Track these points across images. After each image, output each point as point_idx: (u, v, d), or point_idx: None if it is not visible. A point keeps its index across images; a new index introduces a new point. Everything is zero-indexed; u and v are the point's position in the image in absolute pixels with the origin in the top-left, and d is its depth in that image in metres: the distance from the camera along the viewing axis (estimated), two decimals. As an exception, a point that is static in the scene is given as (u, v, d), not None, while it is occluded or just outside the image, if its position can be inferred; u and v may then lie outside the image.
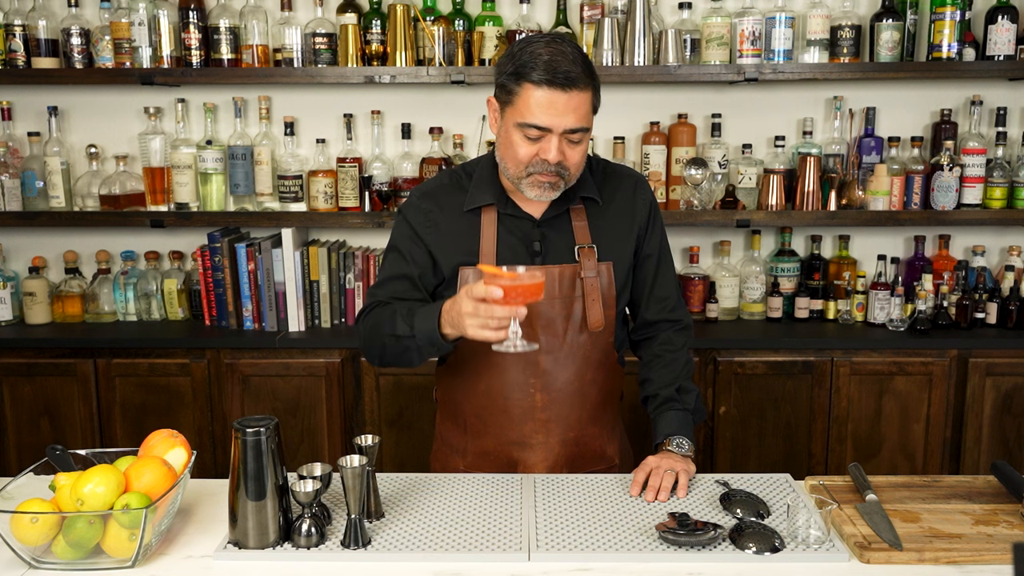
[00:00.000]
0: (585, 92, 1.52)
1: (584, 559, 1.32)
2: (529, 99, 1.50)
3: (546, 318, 1.63)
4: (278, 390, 2.75)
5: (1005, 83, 2.93)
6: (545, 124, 1.51)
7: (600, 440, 1.74)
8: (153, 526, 1.31)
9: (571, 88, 1.49)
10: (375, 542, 1.37)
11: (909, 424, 2.73)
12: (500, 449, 1.69)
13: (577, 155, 1.56)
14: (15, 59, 2.82)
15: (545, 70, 1.48)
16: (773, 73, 2.73)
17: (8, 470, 2.72)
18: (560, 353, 1.65)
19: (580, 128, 1.53)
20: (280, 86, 2.96)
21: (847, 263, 2.98)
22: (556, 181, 1.56)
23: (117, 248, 3.07)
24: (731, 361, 2.70)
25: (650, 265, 1.75)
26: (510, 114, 1.55)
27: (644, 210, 1.73)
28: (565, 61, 1.49)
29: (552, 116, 1.50)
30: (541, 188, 1.57)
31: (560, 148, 1.53)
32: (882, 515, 1.41)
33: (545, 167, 1.54)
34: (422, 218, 1.67)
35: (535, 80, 1.49)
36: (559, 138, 1.52)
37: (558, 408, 1.67)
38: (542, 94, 1.49)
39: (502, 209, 1.66)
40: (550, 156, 1.53)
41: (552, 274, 1.62)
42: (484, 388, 1.68)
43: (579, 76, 1.50)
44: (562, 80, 1.48)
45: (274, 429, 1.35)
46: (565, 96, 1.49)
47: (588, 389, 1.69)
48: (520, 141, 1.54)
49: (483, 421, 1.70)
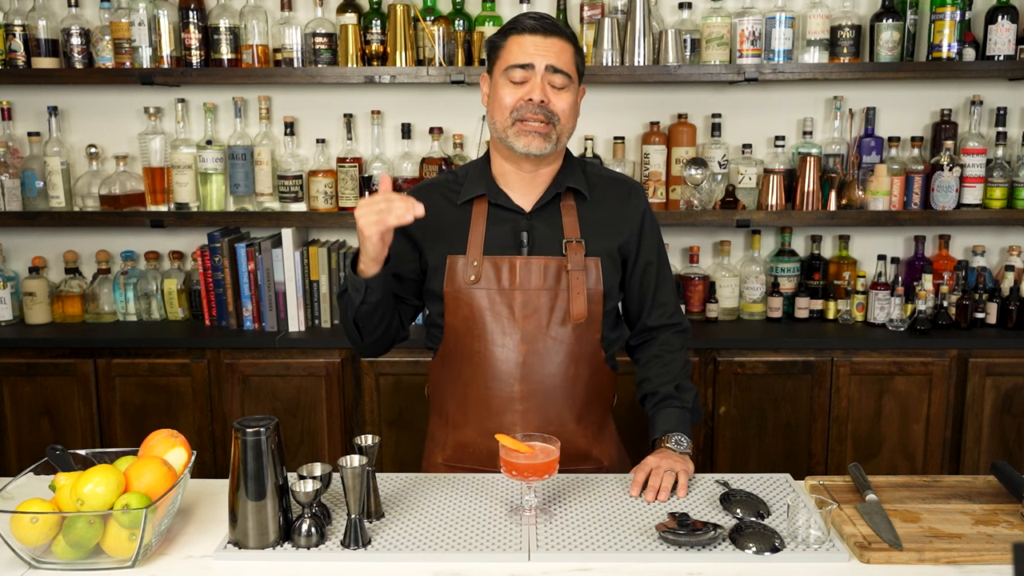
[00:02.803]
0: (567, 44, 1.62)
1: (584, 559, 1.32)
2: (513, 46, 1.62)
3: (529, 308, 1.65)
4: (278, 390, 2.75)
5: (1005, 83, 2.93)
6: (528, 60, 1.59)
7: (584, 440, 1.73)
8: (153, 526, 1.31)
9: (552, 34, 1.61)
10: (375, 542, 1.37)
11: (909, 424, 2.73)
12: (479, 441, 1.69)
13: (563, 102, 1.61)
14: (15, 59, 2.82)
15: (529, 19, 1.62)
16: (773, 73, 2.73)
17: (8, 470, 2.72)
18: (541, 344, 1.65)
19: (563, 71, 1.60)
20: (280, 86, 2.96)
21: (847, 263, 2.98)
22: (545, 129, 1.61)
23: (117, 248, 3.07)
24: (731, 361, 2.70)
25: (651, 272, 1.76)
26: (497, 69, 1.64)
27: (636, 217, 1.74)
28: (550, 20, 1.63)
29: (534, 55, 1.59)
30: (530, 136, 1.61)
31: (544, 89, 1.59)
32: (882, 515, 1.41)
33: (531, 109, 1.59)
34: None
35: (519, 29, 1.62)
36: (542, 78, 1.60)
37: (538, 400, 1.67)
38: (526, 38, 1.61)
39: (493, 200, 1.69)
40: (535, 95, 1.59)
41: (538, 265, 1.65)
42: (467, 378, 1.69)
43: (562, 32, 1.62)
44: (546, 27, 1.61)
45: (274, 429, 1.35)
46: (548, 40, 1.60)
47: (572, 385, 1.69)
48: (505, 86, 1.62)
49: (464, 412, 1.71)
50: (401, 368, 2.72)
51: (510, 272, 1.65)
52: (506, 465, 1.45)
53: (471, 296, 1.65)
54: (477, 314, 1.65)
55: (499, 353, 1.65)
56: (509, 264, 1.65)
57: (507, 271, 1.65)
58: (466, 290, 1.65)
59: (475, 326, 1.66)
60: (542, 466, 1.43)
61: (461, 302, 1.66)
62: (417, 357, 2.68)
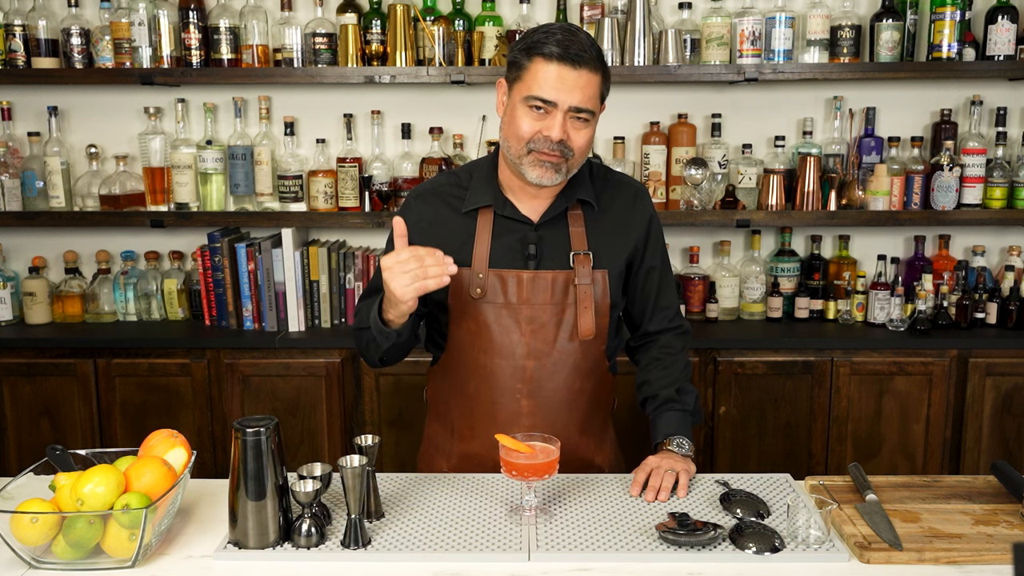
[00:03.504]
0: (594, 75, 1.52)
1: (584, 559, 1.32)
2: (538, 73, 1.51)
3: (536, 324, 1.62)
4: (278, 390, 2.75)
5: (1005, 83, 2.93)
6: (552, 98, 1.50)
7: (588, 450, 1.72)
8: (153, 526, 1.31)
9: (581, 66, 1.50)
10: (375, 542, 1.37)
11: (909, 424, 2.73)
12: (485, 453, 1.66)
13: (582, 139, 1.55)
14: (15, 59, 2.82)
15: (557, 45, 1.49)
16: (773, 73, 2.73)
17: (8, 470, 2.72)
18: (548, 360, 1.63)
19: (587, 109, 1.52)
20: (280, 86, 2.96)
21: (847, 263, 2.98)
22: (559, 161, 1.54)
23: (117, 248, 3.07)
24: (731, 361, 2.70)
25: (654, 278, 1.74)
26: (518, 90, 1.55)
27: (643, 223, 1.71)
28: (577, 42, 1.50)
29: (559, 91, 1.50)
30: (543, 168, 1.54)
31: (564, 126, 1.52)
32: (882, 515, 1.41)
33: (548, 145, 1.53)
34: (415, 218, 1.66)
35: (546, 54, 1.50)
36: (564, 115, 1.52)
37: (544, 415, 1.65)
38: (552, 68, 1.50)
39: (499, 211, 1.65)
40: (553, 133, 1.51)
41: (545, 279, 1.61)
42: (473, 391, 1.67)
43: (590, 58, 1.51)
44: (573, 56, 1.49)
45: (274, 429, 1.35)
46: (575, 73, 1.50)
47: (577, 398, 1.67)
48: (525, 115, 1.53)
49: (470, 425, 1.69)
50: (401, 368, 2.67)
51: (517, 286, 1.61)
52: (506, 465, 1.45)
53: (477, 310, 1.62)
54: (483, 328, 1.63)
55: (505, 367, 1.63)
56: (516, 278, 1.61)
57: (514, 285, 1.61)
58: (471, 304, 1.62)
59: (480, 340, 1.63)
60: (542, 466, 1.43)
61: (467, 315, 1.63)
62: (417, 357, 2.65)
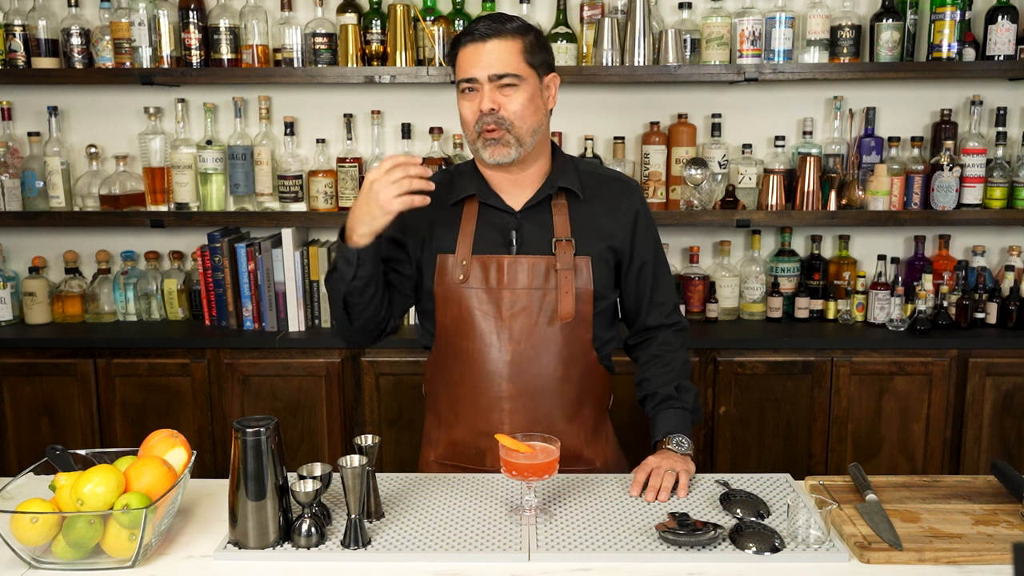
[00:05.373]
0: (507, 41, 1.60)
1: (584, 559, 1.32)
2: (461, 59, 1.63)
3: (517, 307, 1.65)
4: (278, 390, 2.75)
5: (1005, 83, 2.93)
6: (472, 75, 1.60)
7: (576, 440, 1.72)
8: (153, 526, 1.31)
9: (489, 38, 1.59)
10: (375, 542, 1.37)
11: (909, 424, 2.73)
12: (469, 440, 1.70)
13: (514, 103, 1.60)
14: (15, 59, 2.82)
15: (469, 32, 1.62)
16: (773, 73, 2.73)
17: (8, 470, 2.72)
18: (528, 344, 1.65)
19: (508, 74, 1.59)
20: (280, 86, 2.96)
21: (847, 263, 2.98)
22: (501, 134, 1.61)
23: (117, 248, 3.07)
24: (731, 361, 2.70)
25: (647, 272, 1.76)
26: (457, 85, 1.65)
27: (629, 215, 1.73)
28: (488, 22, 1.61)
29: (476, 65, 1.60)
30: (493, 146, 1.62)
31: (492, 97, 1.59)
32: (882, 515, 1.41)
33: (484, 120, 1.60)
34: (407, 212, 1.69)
35: (463, 40, 1.62)
36: (490, 87, 1.60)
37: (525, 400, 1.67)
38: (468, 50, 1.61)
39: (484, 200, 1.69)
40: (484, 105, 1.59)
41: (526, 264, 1.65)
42: (457, 377, 1.70)
43: (500, 29, 1.60)
44: (482, 32, 1.60)
45: (274, 429, 1.35)
46: (486, 46, 1.59)
47: (560, 385, 1.68)
48: (462, 101, 1.64)
49: (455, 411, 1.72)
50: (401, 368, 2.72)
51: (498, 271, 1.65)
52: (506, 465, 1.45)
53: (460, 295, 1.66)
54: (466, 313, 1.66)
55: (488, 352, 1.66)
56: (497, 263, 1.65)
57: (495, 270, 1.65)
58: (455, 289, 1.66)
59: (464, 325, 1.66)
60: (542, 466, 1.43)
61: (451, 301, 1.67)
62: (417, 357, 2.68)
